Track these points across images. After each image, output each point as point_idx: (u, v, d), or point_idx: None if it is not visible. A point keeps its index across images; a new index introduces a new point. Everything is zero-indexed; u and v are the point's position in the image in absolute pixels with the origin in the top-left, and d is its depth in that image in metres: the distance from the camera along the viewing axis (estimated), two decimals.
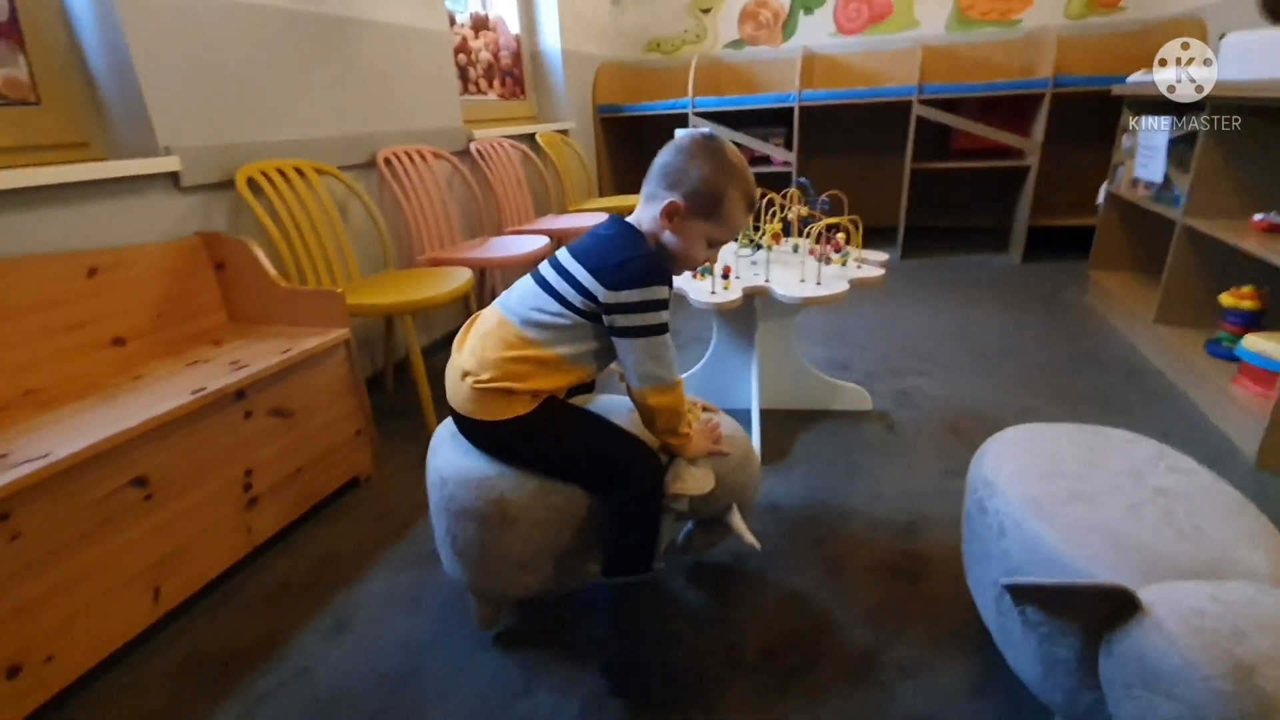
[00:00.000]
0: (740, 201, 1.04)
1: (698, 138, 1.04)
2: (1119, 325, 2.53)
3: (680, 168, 1.02)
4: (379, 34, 2.27)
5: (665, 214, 1.02)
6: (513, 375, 1.02)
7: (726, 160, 1.03)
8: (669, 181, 1.03)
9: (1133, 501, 0.88)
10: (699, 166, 1.01)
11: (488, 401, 1.03)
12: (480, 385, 1.02)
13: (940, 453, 1.73)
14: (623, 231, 1.06)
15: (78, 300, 1.41)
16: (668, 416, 1.05)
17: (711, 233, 1.05)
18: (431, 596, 1.32)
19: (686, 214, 1.02)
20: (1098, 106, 3.08)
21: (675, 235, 1.04)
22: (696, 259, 1.07)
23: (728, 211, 1.03)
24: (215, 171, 1.71)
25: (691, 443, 1.09)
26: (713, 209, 1.03)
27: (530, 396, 1.03)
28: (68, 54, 1.54)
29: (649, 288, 0.98)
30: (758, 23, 4.24)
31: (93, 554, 1.13)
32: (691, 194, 1.02)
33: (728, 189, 1.02)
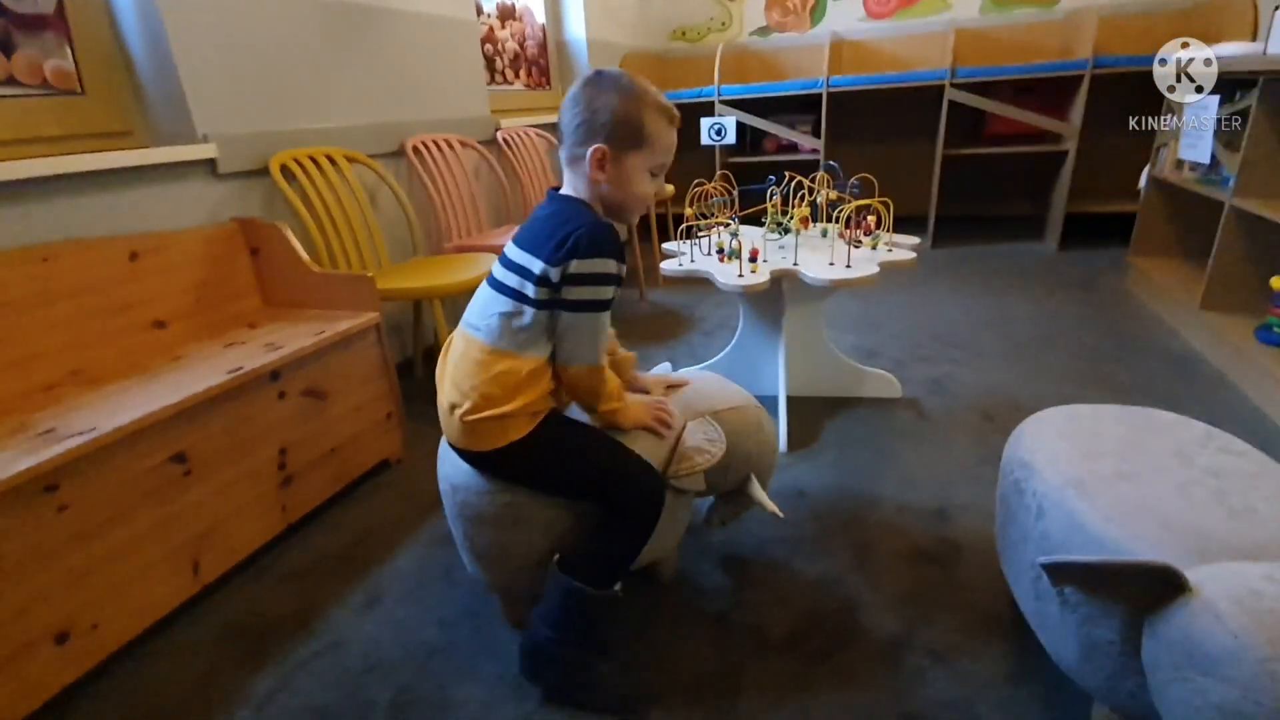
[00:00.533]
0: (660, 118, 0.98)
1: (584, 81, 0.99)
2: (1161, 312, 2.44)
3: (586, 115, 0.97)
4: (408, 23, 2.29)
5: (595, 164, 0.97)
6: (497, 399, 0.96)
7: (625, 85, 0.97)
8: (582, 133, 0.97)
9: (1181, 481, 0.85)
10: (603, 103, 0.96)
11: (482, 431, 0.97)
12: (469, 419, 0.97)
13: (973, 439, 1.69)
14: (562, 206, 1.01)
15: (121, 284, 1.45)
16: (584, 396, 1.03)
17: (646, 161, 1.00)
18: (461, 573, 1.33)
19: (614, 155, 0.97)
20: (1140, 87, 2.98)
21: (613, 182, 0.99)
22: (645, 194, 1.02)
23: (652, 134, 0.98)
24: (250, 159, 1.74)
25: (625, 413, 1.06)
26: (637, 137, 0.97)
27: (527, 417, 0.98)
28: (110, 45, 1.58)
29: (594, 259, 0.93)
30: (785, 9, 4.19)
31: (136, 527, 1.16)
32: (609, 133, 0.96)
33: (642, 111, 0.97)
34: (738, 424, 1.16)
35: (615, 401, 1.05)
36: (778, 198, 1.88)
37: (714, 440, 1.10)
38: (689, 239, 1.80)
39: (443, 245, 2.32)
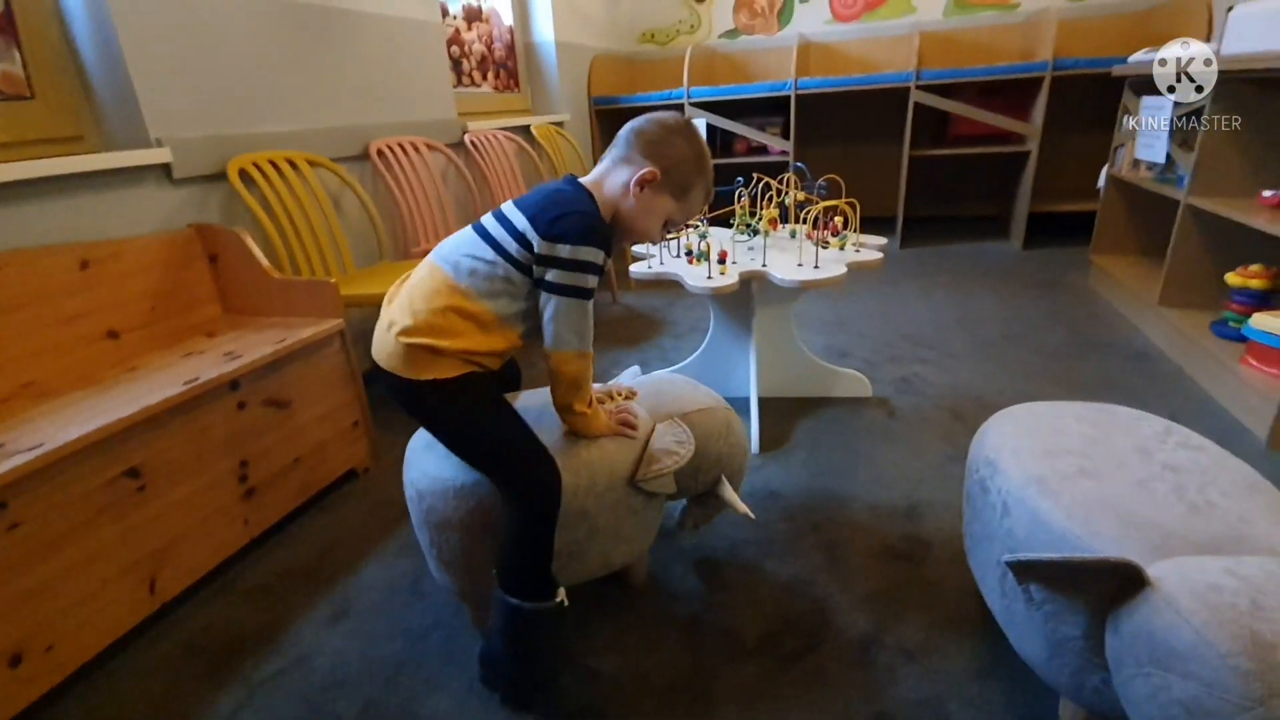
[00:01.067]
0: (704, 191, 1.07)
1: (683, 120, 1.06)
2: (1122, 309, 2.50)
3: (665, 141, 1.02)
4: (371, 25, 2.25)
5: (640, 181, 1.01)
6: (439, 330, 0.96)
7: (704, 149, 1.06)
8: (650, 151, 1.02)
9: (1142, 477, 0.86)
10: (684, 145, 1.02)
11: (412, 358, 0.96)
12: (406, 339, 0.96)
13: (942, 438, 1.71)
14: (574, 190, 1.04)
15: (72, 293, 1.40)
16: (568, 386, 1.02)
17: (673, 212, 1.06)
18: (429, 585, 1.31)
19: (660, 186, 1.02)
20: (1098, 89, 3.05)
21: (640, 205, 1.03)
22: (652, 233, 1.07)
23: (694, 196, 1.06)
24: (207, 163, 1.69)
25: (594, 421, 1.06)
26: (684, 189, 1.04)
27: (459, 360, 0.97)
28: (60, 48, 1.53)
29: (584, 247, 0.95)
30: (753, 11, 4.21)
31: (89, 544, 1.12)
32: (669, 169, 1.02)
33: (701, 175, 1.05)
34: (707, 426, 1.16)
35: (588, 402, 1.05)
36: (746, 199, 1.88)
37: (683, 442, 1.09)
38: (658, 241, 1.80)
39: (409, 250, 2.29)
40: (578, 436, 1.07)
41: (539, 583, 0.98)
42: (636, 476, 1.07)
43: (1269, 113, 1.90)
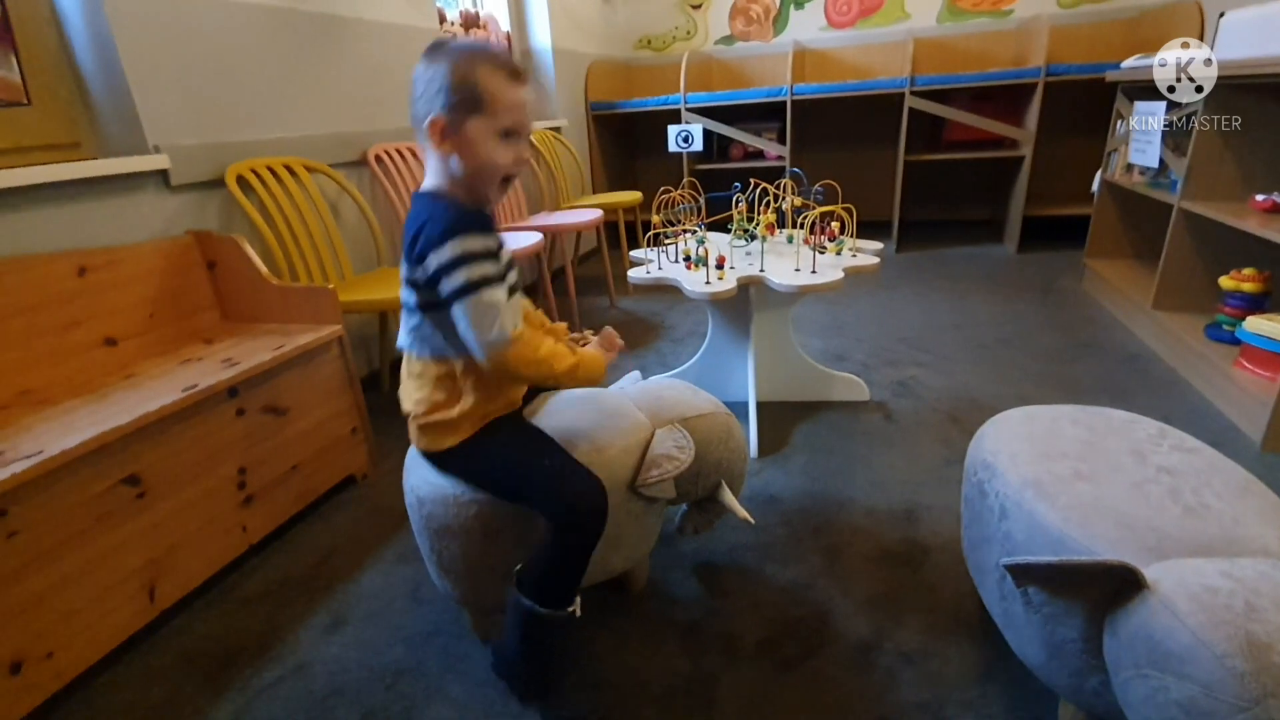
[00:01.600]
0: (496, 74, 0.91)
1: (422, 56, 0.93)
2: (1116, 312, 2.52)
3: (421, 89, 0.92)
4: (369, 32, 2.26)
5: (435, 137, 0.91)
6: (440, 404, 0.99)
7: (457, 48, 0.92)
8: (420, 107, 0.92)
9: (1137, 480, 0.87)
10: (435, 72, 0.90)
11: (431, 434, 1.02)
12: (419, 422, 1.02)
13: (939, 441, 1.72)
14: (415, 206, 0.96)
15: (70, 300, 1.40)
16: (531, 371, 0.96)
17: (492, 125, 0.91)
18: (429, 592, 1.31)
19: (453, 123, 0.91)
20: (1091, 94, 3.08)
21: (460, 154, 0.92)
22: (499, 161, 0.94)
23: (491, 93, 0.90)
24: (205, 170, 1.69)
25: (586, 368, 1.01)
26: (475, 100, 0.90)
27: (473, 420, 1.00)
28: (58, 55, 1.53)
29: (454, 240, 0.88)
30: (748, 18, 4.24)
31: (88, 552, 1.12)
32: (445, 102, 0.90)
33: (476, 70, 0.90)
34: (707, 431, 1.16)
35: (569, 358, 0.99)
36: (743, 204, 1.89)
37: (683, 447, 1.10)
38: (656, 246, 1.81)
39: None
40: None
41: (566, 594, 0.98)
42: (636, 482, 1.07)
43: (1260, 118, 1.92)
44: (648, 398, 1.21)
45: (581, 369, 1.01)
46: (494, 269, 0.91)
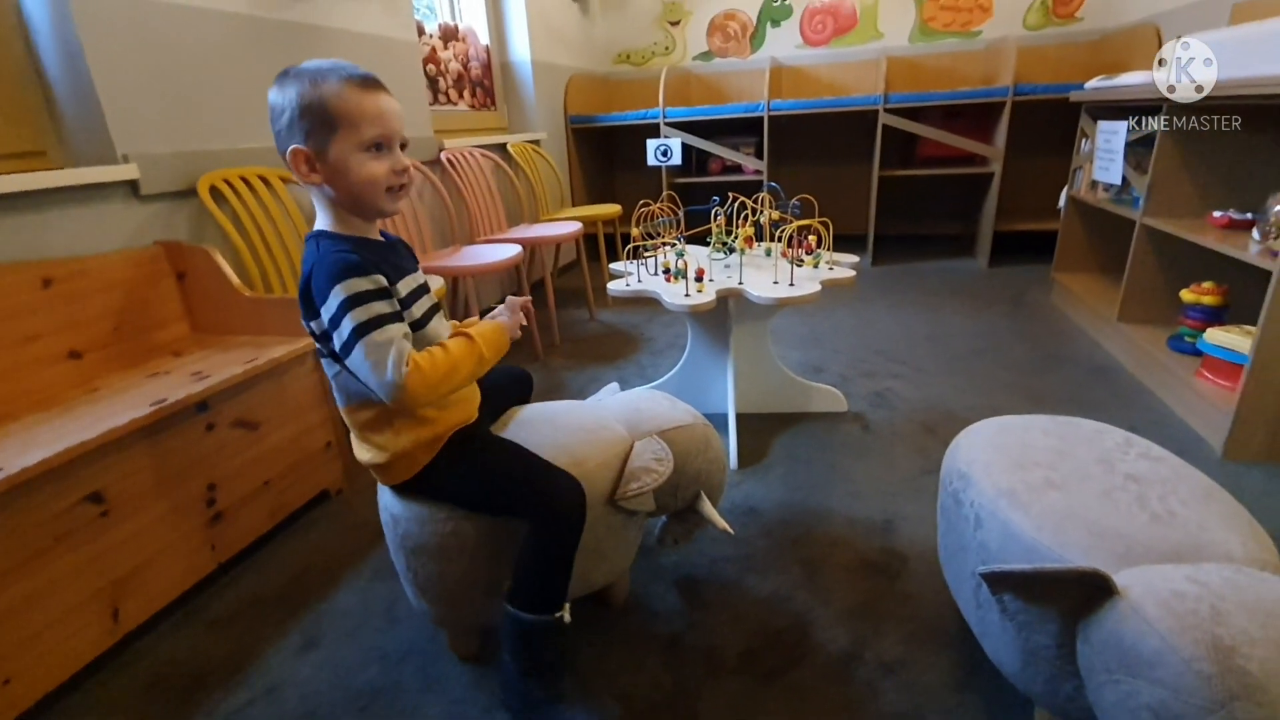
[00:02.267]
0: (346, 88, 0.86)
1: (271, 87, 0.90)
2: (1084, 325, 2.58)
3: (278, 120, 0.88)
4: (346, 43, 2.25)
5: (302, 168, 0.88)
6: (384, 444, 0.98)
7: (300, 72, 0.87)
8: (282, 141, 0.89)
9: (1106, 488, 0.89)
10: (286, 100, 0.87)
11: (390, 473, 1.01)
12: (374, 464, 1.00)
13: (915, 451, 1.74)
14: (306, 247, 0.93)
15: (32, 312, 1.36)
16: (442, 392, 0.91)
17: (355, 140, 0.87)
18: (404, 610, 1.28)
19: (317, 149, 0.87)
20: (1057, 113, 3.17)
21: (332, 179, 0.89)
22: (374, 176, 0.89)
23: (343, 109, 0.86)
24: (176, 180, 1.66)
25: (486, 348, 0.96)
26: (329, 119, 0.86)
27: (425, 446, 0.98)
28: (23, 62, 1.49)
29: (338, 286, 0.85)
30: (726, 35, 4.30)
31: (49, 572, 1.08)
32: (302, 129, 0.86)
33: (323, 89, 0.85)
34: (686, 442, 1.16)
35: (468, 356, 0.94)
36: (722, 218, 1.91)
37: (662, 459, 1.09)
38: (636, 259, 1.81)
39: None
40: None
41: (554, 598, 0.97)
42: (616, 495, 1.07)
43: (1215, 138, 1.99)
44: (626, 409, 1.21)
45: (487, 351, 0.96)
46: (385, 306, 0.87)
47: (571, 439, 1.09)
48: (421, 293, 1.01)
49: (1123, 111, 2.35)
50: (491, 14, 3.46)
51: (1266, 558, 0.78)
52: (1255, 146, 1.97)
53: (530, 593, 0.96)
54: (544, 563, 0.96)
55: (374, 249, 0.96)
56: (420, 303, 0.99)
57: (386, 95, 0.91)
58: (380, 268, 0.90)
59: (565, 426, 1.12)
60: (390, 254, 1.00)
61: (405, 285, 0.96)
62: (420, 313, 0.98)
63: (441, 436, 1.00)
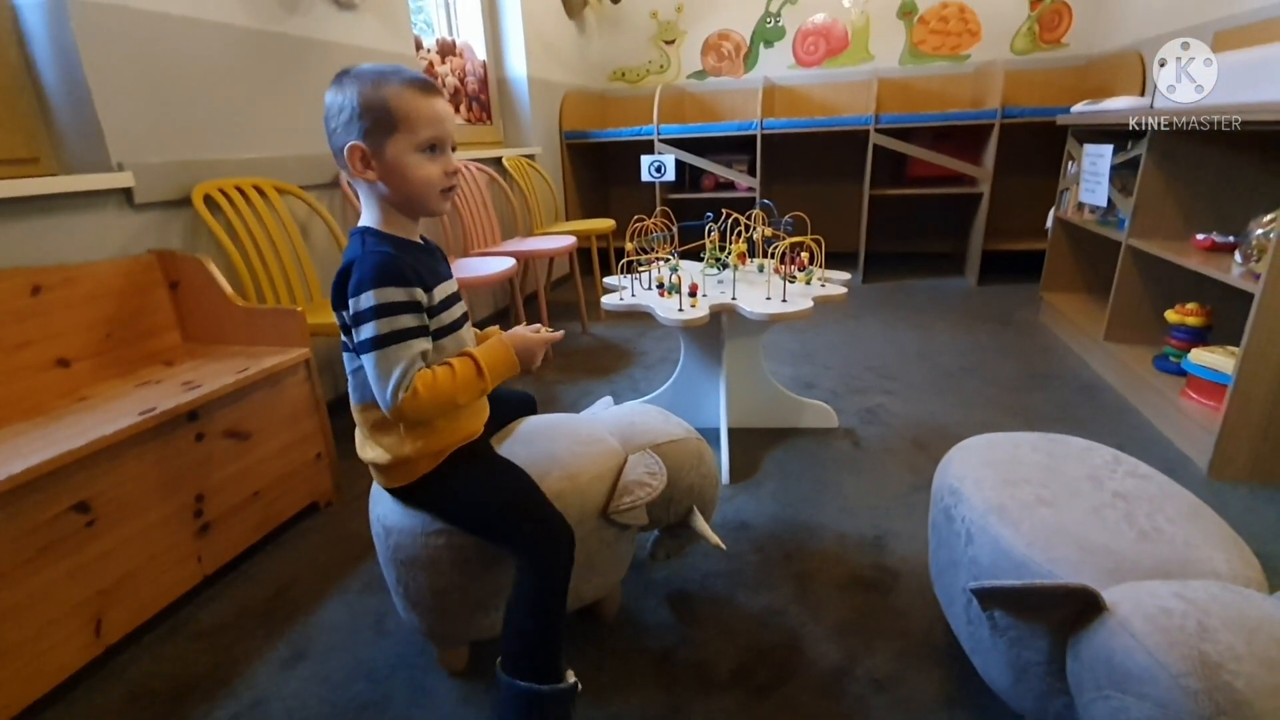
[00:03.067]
0: (407, 90, 0.89)
1: (330, 86, 0.92)
2: (1071, 343, 2.61)
3: (335, 117, 0.90)
4: (344, 56, 2.26)
5: (358, 165, 0.90)
6: (390, 445, 0.97)
7: (362, 73, 0.90)
8: (338, 138, 0.91)
9: (1094, 505, 0.90)
10: (346, 99, 0.89)
11: (390, 474, 1.01)
12: (376, 464, 1.00)
13: (906, 467, 1.75)
14: (351, 241, 0.96)
15: (21, 319, 1.35)
16: (436, 413, 0.92)
17: (412, 141, 0.90)
18: (394, 623, 1.27)
19: (374, 147, 0.89)
20: (1044, 136, 3.24)
21: (386, 179, 0.91)
22: (429, 179, 0.92)
23: (403, 109, 0.89)
24: (171, 189, 1.66)
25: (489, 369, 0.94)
26: (388, 119, 0.88)
27: (429, 457, 0.98)
28: (19, 69, 1.49)
29: (371, 291, 0.87)
30: (719, 54, 4.36)
31: (32, 583, 1.06)
32: (360, 128, 0.88)
33: (384, 90, 0.88)
34: (679, 457, 1.16)
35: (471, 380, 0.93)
36: (716, 234, 1.93)
37: (655, 474, 1.10)
38: (630, 273, 1.82)
39: None
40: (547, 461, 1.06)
41: (554, 658, 0.93)
42: (609, 509, 1.07)
43: (1198, 162, 2.04)
44: (620, 423, 1.21)
45: (491, 382, 0.95)
46: (412, 320, 0.89)
47: (565, 452, 1.09)
48: (454, 300, 1.01)
49: (1108, 135, 2.40)
50: (489, 30, 3.49)
51: (1251, 575, 0.79)
52: (1237, 170, 2.02)
53: (528, 654, 0.92)
54: (535, 613, 0.92)
55: (414, 251, 0.97)
56: (452, 310, 1.00)
57: (441, 99, 0.94)
58: (420, 274, 0.92)
59: (559, 439, 1.13)
60: (428, 258, 1.00)
61: (440, 291, 0.97)
62: (451, 319, 0.99)
63: (448, 448, 1.00)
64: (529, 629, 0.93)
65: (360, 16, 2.33)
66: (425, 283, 0.92)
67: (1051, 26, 3.80)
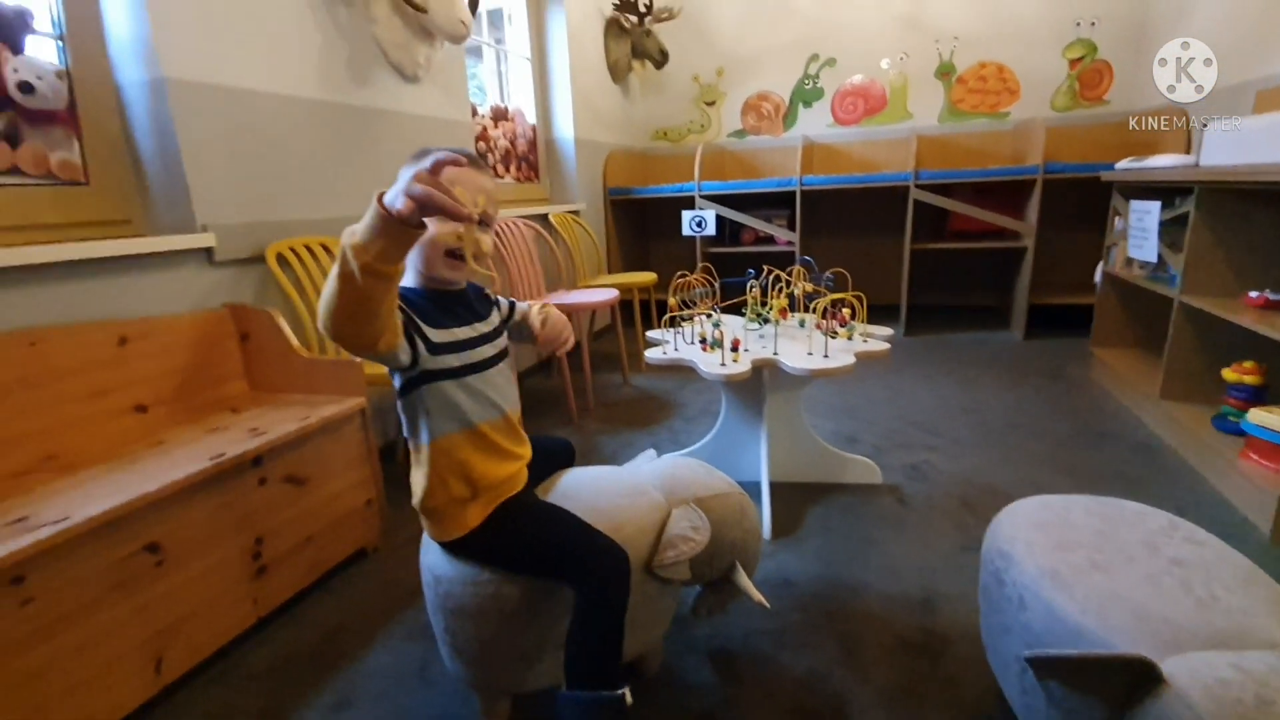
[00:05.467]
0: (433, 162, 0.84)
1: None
2: (1125, 401, 2.54)
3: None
4: (406, 124, 2.43)
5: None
6: (431, 492, 1.01)
7: (421, 150, 0.95)
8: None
9: (1150, 571, 0.87)
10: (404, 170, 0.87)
11: (439, 524, 1.04)
12: (422, 508, 1.03)
13: (954, 526, 1.71)
14: None
15: (106, 368, 1.45)
16: (330, 305, 0.80)
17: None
18: (438, 672, 1.28)
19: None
20: (1088, 191, 3.22)
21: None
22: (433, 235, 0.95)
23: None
24: (247, 247, 1.79)
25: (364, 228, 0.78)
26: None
27: (478, 506, 1.02)
28: (119, 139, 1.65)
29: None
30: (759, 114, 4.50)
31: (100, 621, 1.12)
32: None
33: (421, 162, 0.83)
34: (722, 511, 1.17)
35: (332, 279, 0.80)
36: (757, 289, 1.97)
37: (699, 528, 1.10)
38: (672, 328, 1.87)
39: None
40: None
41: (612, 670, 0.96)
42: (653, 563, 1.08)
43: (1247, 220, 2.01)
44: (663, 476, 1.23)
45: (344, 265, 0.78)
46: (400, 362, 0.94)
47: (609, 504, 1.11)
48: (474, 344, 1.03)
49: (1154, 191, 2.38)
50: (539, 96, 3.69)
51: None
52: None
53: (585, 668, 0.96)
54: (595, 634, 0.96)
55: (435, 296, 1.02)
56: (463, 354, 1.01)
57: (470, 170, 1.00)
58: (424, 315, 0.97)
59: (604, 491, 1.15)
60: (450, 301, 1.04)
61: (452, 335, 1.00)
62: (476, 359, 1.02)
63: (497, 499, 1.04)
64: (588, 639, 0.96)
65: (423, 88, 2.50)
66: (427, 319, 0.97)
67: (1093, 84, 3.83)
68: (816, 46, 4.27)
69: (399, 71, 2.36)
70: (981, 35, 3.96)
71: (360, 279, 0.77)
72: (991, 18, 3.92)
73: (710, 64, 4.49)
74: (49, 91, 1.49)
